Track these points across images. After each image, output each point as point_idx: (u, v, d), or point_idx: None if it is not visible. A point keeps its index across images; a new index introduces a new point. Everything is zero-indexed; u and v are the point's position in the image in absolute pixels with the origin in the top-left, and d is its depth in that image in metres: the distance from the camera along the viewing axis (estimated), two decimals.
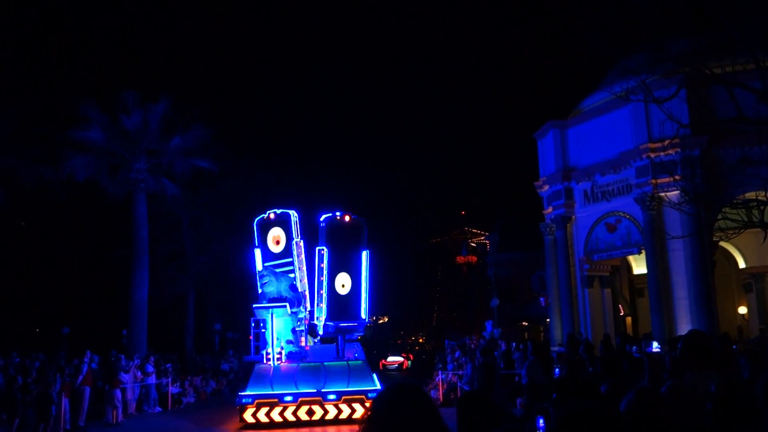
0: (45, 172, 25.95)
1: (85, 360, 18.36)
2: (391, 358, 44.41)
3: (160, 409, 21.77)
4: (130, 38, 59.85)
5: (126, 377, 19.79)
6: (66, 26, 54.14)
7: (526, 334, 41.65)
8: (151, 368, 21.88)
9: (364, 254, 19.19)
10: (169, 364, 24.18)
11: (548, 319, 29.29)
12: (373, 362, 26.78)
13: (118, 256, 30.92)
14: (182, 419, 19.16)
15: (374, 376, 17.80)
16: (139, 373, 21.15)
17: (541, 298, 24.97)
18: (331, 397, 16.39)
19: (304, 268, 19.33)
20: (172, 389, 23.15)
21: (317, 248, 18.62)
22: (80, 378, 17.45)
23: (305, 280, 19.12)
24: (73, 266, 35.69)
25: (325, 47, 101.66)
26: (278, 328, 17.50)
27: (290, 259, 19.00)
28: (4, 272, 29.98)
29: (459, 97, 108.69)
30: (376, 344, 54.90)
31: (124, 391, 19.56)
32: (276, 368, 17.02)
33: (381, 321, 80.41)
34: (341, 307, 18.52)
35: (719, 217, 19.61)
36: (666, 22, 12.31)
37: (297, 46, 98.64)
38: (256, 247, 19.56)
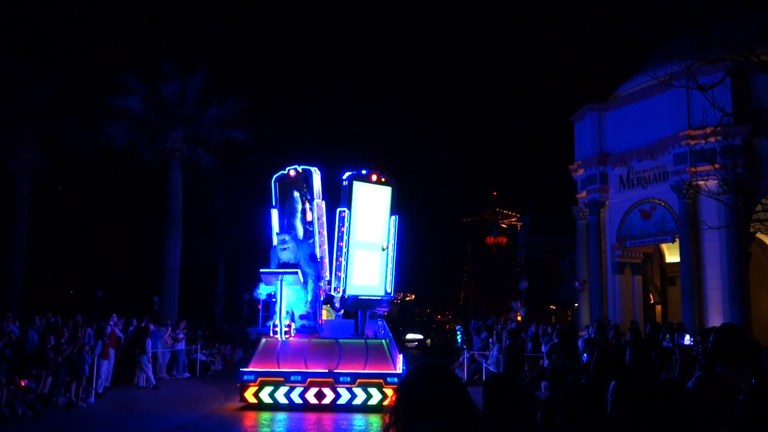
0: (84, 139, 26.32)
1: (111, 323, 18.36)
2: (410, 336, 43.84)
3: (189, 375, 22.23)
4: (169, 8, 60.19)
5: (156, 343, 20.21)
6: None
7: (553, 318, 41.53)
8: (181, 334, 22.35)
9: (392, 220, 17.04)
10: (200, 332, 24.60)
11: (576, 304, 29.15)
12: (399, 341, 26.23)
13: (152, 223, 31.40)
14: (210, 386, 19.50)
15: (397, 357, 16.13)
16: (170, 339, 21.61)
17: (576, 282, 24.70)
18: (345, 379, 14.58)
19: (325, 232, 17.29)
20: (201, 356, 23.59)
21: (338, 210, 16.59)
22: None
23: (325, 246, 17.16)
24: (108, 231, 36.35)
25: (367, 16, 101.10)
26: (289, 298, 15.54)
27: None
28: (41, 234, 30.65)
29: (496, 77, 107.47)
30: (402, 322, 54.92)
31: (155, 356, 20.01)
32: (284, 343, 15.15)
33: (408, 298, 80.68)
34: (362, 277, 16.61)
35: (758, 208, 19.22)
36: (714, 5, 11.99)
37: (336, 11, 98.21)
38: (274, 207, 17.43)
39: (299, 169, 17.22)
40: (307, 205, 17.22)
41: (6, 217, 26.01)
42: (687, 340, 15.54)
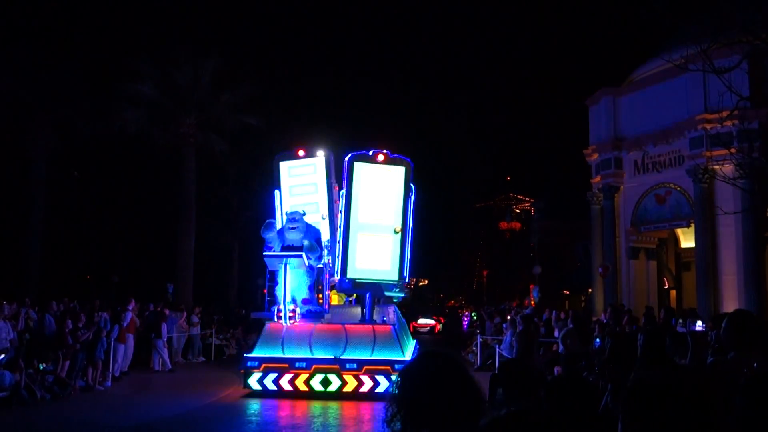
0: (99, 125, 26.49)
1: (129, 308, 18.34)
2: (422, 321, 43.75)
3: (204, 359, 22.45)
4: None
5: (171, 328, 20.41)
6: None
7: (567, 303, 41.47)
8: (196, 319, 22.57)
9: (403, 202, 15.98)
10: (215, 316, 24.81)
11: (590, 289, 29.08)
12: (413, 327, 26.02)
13: (166, 209, 31.60)
14: (224, 370, 19.63)
15: (407, 343, 15.61)
16: (185, 324, 21.83)
17: (600, 268, 24.57)
18: (351, 366, 14.06)
19: (341, 216, 16.30)
20: (216, 341, 23.81)
21: (341, 191, 15.99)
22: (124, 325, 17.77)
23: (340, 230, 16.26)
24: (123, 217, 36.65)
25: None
26: (293, 282, 14.94)
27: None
28: (57, 220, 30.94)
29: (511, 61, 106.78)
30: (415, 307, 54.86)
31: (170, 340, 20.21)
32: (289, 329, 14.68)
33: (421, 283, 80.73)
34: (368, 260, 15.80)
35: None
36: None
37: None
38: (278, 188, 16.99)
39: (309, 149, 16.72)
40: (319, 188, 16.83)
41: (23, 203, 26.29)
42: (699, 326, 15.48)
